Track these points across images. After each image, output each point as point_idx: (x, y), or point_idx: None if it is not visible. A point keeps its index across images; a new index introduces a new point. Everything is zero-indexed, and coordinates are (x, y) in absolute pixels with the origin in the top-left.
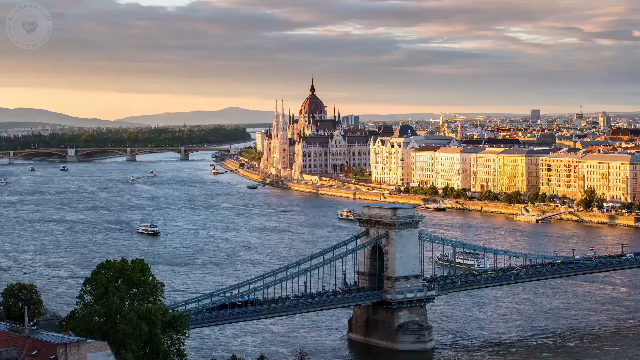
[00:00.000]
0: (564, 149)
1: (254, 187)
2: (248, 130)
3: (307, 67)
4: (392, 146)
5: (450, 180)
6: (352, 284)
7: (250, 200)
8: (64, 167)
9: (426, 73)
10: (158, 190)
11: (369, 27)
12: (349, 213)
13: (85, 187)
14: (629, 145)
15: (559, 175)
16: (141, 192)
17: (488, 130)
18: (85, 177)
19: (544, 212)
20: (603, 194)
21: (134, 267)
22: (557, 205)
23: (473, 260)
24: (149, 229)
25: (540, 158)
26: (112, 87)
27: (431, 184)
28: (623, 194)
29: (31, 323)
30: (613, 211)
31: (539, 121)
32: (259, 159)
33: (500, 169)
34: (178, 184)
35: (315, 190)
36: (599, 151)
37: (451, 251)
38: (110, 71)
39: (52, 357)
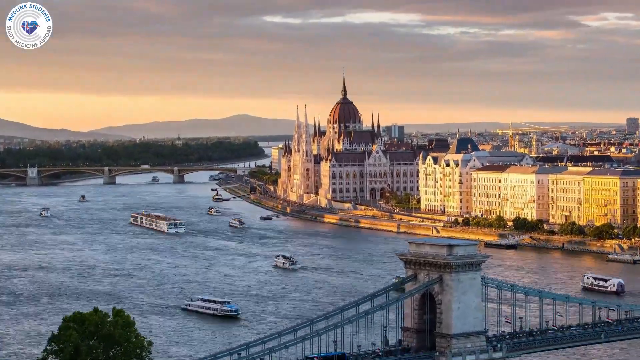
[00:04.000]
0: None
1: (268, 218)
2: (261, 144)
3: (338, 62)
4: (448, 165)
5: (523, 209)
6: (395, 343)
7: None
8: None
9: (491, 70)
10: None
11: (416, 13)
12: None
13: None
14: None
15: None
16: None
17: (571, 145)
18: None
19: None
20: None
21: (113, 320)
22: None
23: None
24: None
25: None
26: (85, 88)
27: (498, 213)
28: None
29: None
30: None
31: (637, 132)
32: (275, 181)
33: (587, 194)
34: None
35: (354, 223)
36: None
37: None
38: (84, 67)
39: None
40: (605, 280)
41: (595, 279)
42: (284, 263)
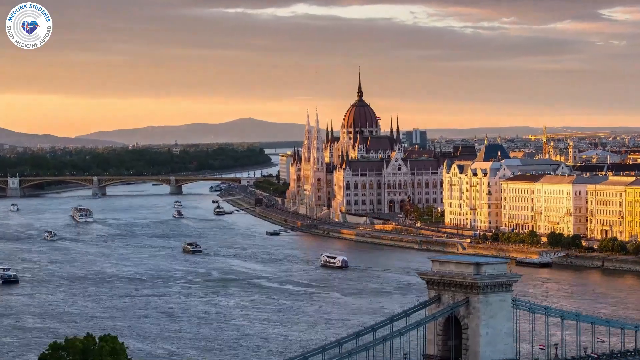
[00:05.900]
0: None
1: (276, 234)
2: (267, 151)
3: (353, 61)
4: (475, 174)
5: (558, 223)
6: None
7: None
8: None
9: (523, 69)
10: None
11: (440, 7)
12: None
13: None
14: None
15: None
16: None
17: (612, 152)
18: None
19: None
20: None
21: (102, 347)
22: None
23: None
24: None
25: None
26: (71, 89)
27: (530, 228)
28: None
29: None
30: None
31: None
32: (283, 192)
33: (629, 207)
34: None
35: (372, 239)
36: None
37: None
38: (71, 65)
39: None
40: (334, 258)
41: (327, 257)
42: (47, 236)
